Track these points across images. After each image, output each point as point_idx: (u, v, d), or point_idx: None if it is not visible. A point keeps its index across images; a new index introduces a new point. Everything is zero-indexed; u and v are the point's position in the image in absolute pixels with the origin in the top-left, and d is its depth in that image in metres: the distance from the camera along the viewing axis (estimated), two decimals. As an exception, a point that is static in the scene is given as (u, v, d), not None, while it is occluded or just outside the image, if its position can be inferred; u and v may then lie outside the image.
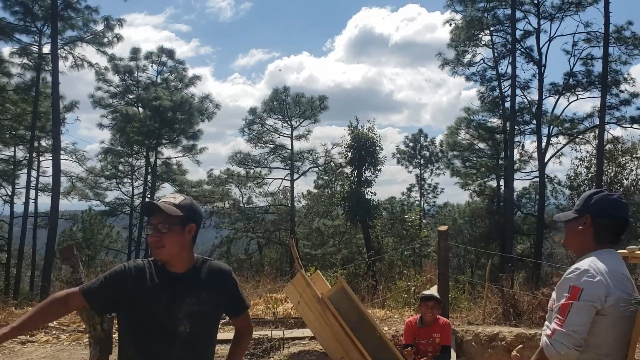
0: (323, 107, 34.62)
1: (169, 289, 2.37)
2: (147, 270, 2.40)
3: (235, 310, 2.65)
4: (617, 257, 2.55)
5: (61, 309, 2.38)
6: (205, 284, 2.45)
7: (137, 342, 2.34)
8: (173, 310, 2.34)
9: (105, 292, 2.35)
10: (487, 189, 33.51)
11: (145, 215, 2.45)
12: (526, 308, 8.31)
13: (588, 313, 2.30)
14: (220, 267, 2.57)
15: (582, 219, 2.56)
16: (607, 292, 2.32)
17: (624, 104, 27.59)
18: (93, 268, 21.06)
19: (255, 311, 7.78)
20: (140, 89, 32.08)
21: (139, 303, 2.32)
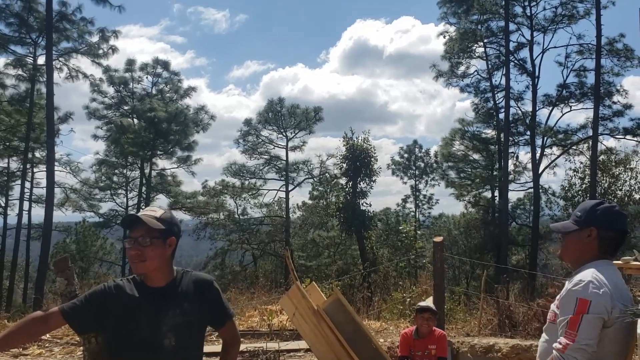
0: (318, 118, 34.73)
1: (151, 303, 2.35)
2: (126, 288, 2.38)
3: (220, 320, 2.62)
4: (615, 268, 2.55)
5: (40, 329, 2.35)
6: (187, 295, 2.43)
7: (122, 357, 2.32)
8: (157, 324, 2.32)
9: (85, 313, 2.33)
10: (482, 199, 33.58)
11: (126, 228, 2.40)
12: (522, 319, 8.30)
13: (597, 325, 2.28)
14: (202, 278, 2.56)
15: (587, 230, 2.53)
16: (612, 303, 2.31)
17: (617, 115, 27.85)
18: (87, 280, 20.96)
19: (250, 323, 7.74)
20: (135, 100, 32.09)
21: (121, 321, 2.29)
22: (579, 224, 2.57)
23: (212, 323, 2.59)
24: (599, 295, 2.30)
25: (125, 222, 2.40)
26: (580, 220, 2.57)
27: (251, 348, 5.26)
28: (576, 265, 2.57)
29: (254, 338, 6.46)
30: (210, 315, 2.53)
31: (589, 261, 2.50)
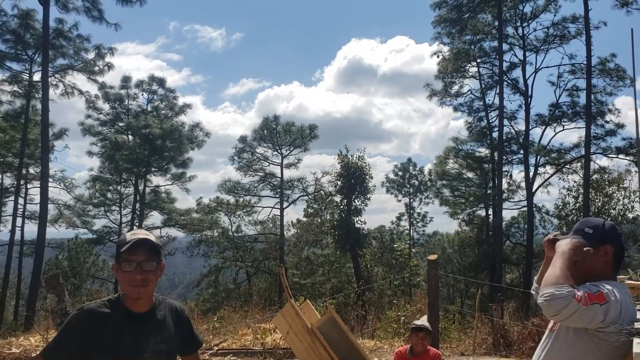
0: (313, 136, 34.83)
1: (133, 329, 2.32)
2: (105, 313, 2.31)
3: (191, 347, 2.62)
4: (627, 288, 2.53)
5: None
6: (166, 322, 2.43)
7: None
8: (139, 350, 2.30)
9: (67, 351, 2.27)
10: (475, 218, 33.65)
11: (130, 250, 2.29)
12: (516, 338, 8.29)
13: (598, 316, 2.25)
14: (176, 305, 2.56)
15: (603, 248, 2.50)
16: (619, 320, 2.31)
17: (610, 135, 28.04)
18: (78, 297, 20.79)
19: (244, 342, 7.68)
20: (131, 117, 32.16)
21: (103, 348, 2.24)
22: (590, 239, 2.53)
23: (183, 350, 2.57)
24: (615, 306, 2.29)
25: (136, 245, 2.30)
26: (593, 237, 2.54)
27: (244, 367, 5.22)
28: (580, 282, 2.48)
29: (247, 357, 6.42)
30: (183, 342, 2.53)
31: (601, 279, 2.45)
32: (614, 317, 2.28)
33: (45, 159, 22.99)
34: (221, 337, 8.16)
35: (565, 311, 2.22)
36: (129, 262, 2.28)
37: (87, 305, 2.33)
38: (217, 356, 6.70)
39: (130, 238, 2.32)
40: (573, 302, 2.22)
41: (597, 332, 2.32)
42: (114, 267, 2.36)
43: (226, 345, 7.35)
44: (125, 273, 2.28)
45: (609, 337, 2.27)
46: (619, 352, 2.34)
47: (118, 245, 2.34)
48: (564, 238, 2.61)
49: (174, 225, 33.04)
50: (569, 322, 2.30)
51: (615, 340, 2.23)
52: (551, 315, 2.27)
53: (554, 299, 2.24)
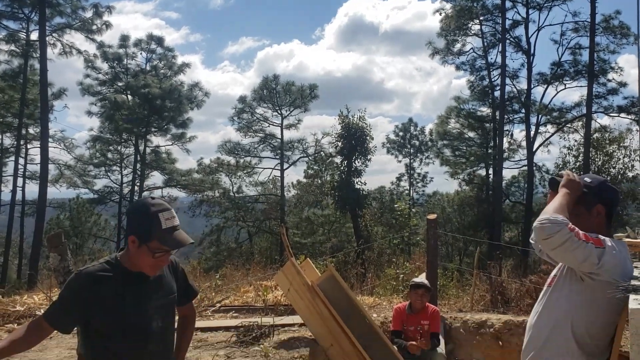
0: (313, 96, 34.55)
1: (134, 288, 2.32)
2: (104, 275, 2.29)
3: (188, 297, 2.66)
4: (625, 245, 2.56)
5: (35, 339, 2.30)
6: (164, 277, 2.45)
7: (109, 348, 2.27)
8: (143, 308, 2.31)
9: (70, 315, 2.26)
10: (476, 177, 33.69)
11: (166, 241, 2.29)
12: (514, 295, 8.39)
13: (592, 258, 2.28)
14: (170, 259, 2.55)
15: (594, 210, 2.55)
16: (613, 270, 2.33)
17: (612, 93, 27.81)
18: (81, 256, 20.99)
19: (245, 299, 7.80)
20: (129, 76, 31.83)
21: (106, 309, 2.24)
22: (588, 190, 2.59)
23: (179, 301, 2.59)
24: (612, 254, 2.33)
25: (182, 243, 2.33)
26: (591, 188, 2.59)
27: (246, 323, 5.31)
28: None
29: (249, 313, 6.52)
30: (180, 293, 2.56)
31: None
32: (611, 266, 2.31)
33: (44, 119, 22.89)
34: (223, 295, 8.27)
35: (557, 237, 2.26)
36: (164, 251, 2.29)
37: (86, 269, 2.30)
38: (219, 312, 6.81)
39: (166, 224, 2.28)
40: (565, 229, 2.26)
41: (591, 278, 2.35)
42: (130, 239, 2.28)
43: (228, 302, 7.46)
44: (152, 257, 2.27)
45: (606, 289, 2.31)
46: (616, 307, 2.38)
47: (148, 221, 2.26)
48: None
49: (175, 186, 33.12)
50: (559, 253, 2.32)
51: (612, 295, 2.26)
52: (542, 239, 2.31)
53: (548, 223, 2.29)
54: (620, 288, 2.22)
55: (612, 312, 2.41)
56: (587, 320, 2.42)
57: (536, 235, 2.36)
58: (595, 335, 2.43)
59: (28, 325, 2.26)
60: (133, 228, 2.30)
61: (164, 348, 2.41)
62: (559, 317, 2.50)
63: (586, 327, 2.42)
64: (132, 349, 2.29)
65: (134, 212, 2.35)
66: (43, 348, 4.96)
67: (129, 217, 2.40)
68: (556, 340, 2.49)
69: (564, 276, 2.54)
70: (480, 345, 7.32)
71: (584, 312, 2.42)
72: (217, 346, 4.80)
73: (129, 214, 2.41)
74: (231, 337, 5.04)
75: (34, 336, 2.26)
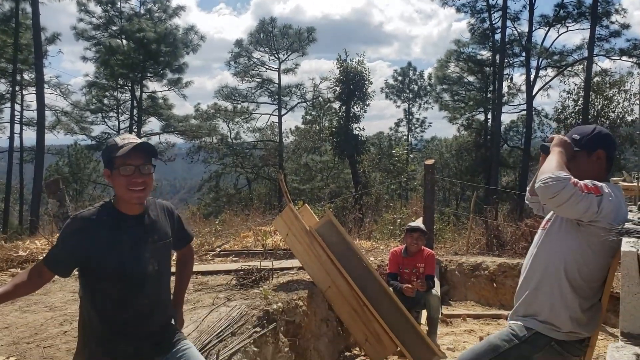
0: (311, 39, 33.93)
1: (131, 231, 2.34)
2: (99, 219, 2.29)
3: (184, 242, 2.71)
4: (621, 190, 2.60)
5: (38, 283, 2.32)
6: (159, 221, 2.47)
7: (106, 290, 2.31)
8: (139, 251, 2.34)
9: (69, 259, 2.27)
10: (474, 122, 33.57)
11: (128, 153, 2.25)
12: (509, 239, 8.52)
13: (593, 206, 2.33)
14: (165, 204, 2.59)
15: (595, 153, 2.58)
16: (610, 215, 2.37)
17: (614, 36, 27.32)
18: (81, 202, 21.11)
19: (245, 243, 7.90)
20: (123, 20, 31.11)
21: (102, 253, 2.25)
22: (579, 146, 2.61)
23: (176, 245, 2.64)
24: (609, 200, 2.37)
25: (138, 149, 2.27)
26: (582, 143, 2.61)
27: (246, 266, 5.41)
28: None
29: (248, 257, 6.62)
30: (176, 237, 2.59)
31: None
32: (608, 212, 2.34)
33: (39, 65, 22.53)
34: (223, 239, 8.38)
35: (563, 194, 2.28)
36: (127, 166, 2.26)
37: (81, 213, 2.31)
38: (219, 257, 6.92)
39: (123, 142, 2.28)
40: (570, 185, 2.29)
41: (589, 225, 2.39)
42: (105, 173, 2.32)
43: (228, 247, 7.57)
44: (123, 177, 2.26)
45: (600, 233, 2.34)
46: (609, 250, 2.42)
47: (109, 150, 2.29)
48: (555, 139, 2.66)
49: (172, 132, 32.96)
50: (565, 209, 2.35)
51: (605, 238, 2.30)
52: (548, 198, 2.32)
53: (552, 181, 2.30)
54: (614, 231, 2.26)
55: (605, 255, 2.45)
56: (580, 263, 2.47)
57: (542, 195, 2.36)
58: (587, 278, 2.49)
59: (30, 270, 2.30)
60: (104, 165, 2.33)
61: (160, 290, 2.44)
62: (553, 259, 2.55)
63: (579, 270, 2.47)
64: (128, 291, 2.32)
65: (102, 153, 2.38)
66: (47, 291, 5.07)
67: (103, 161, 2.39)
68: (549, 281, 2.55)
69: (559, 220, 2.57)
70: (474, 287, 7.50)
71: (578, 255, 2.47)
72: (217, 289, 4.90)
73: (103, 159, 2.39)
74: (231, 280, 5.14)
75: (36, 280, 2.29)
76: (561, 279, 2.50)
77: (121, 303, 2.31)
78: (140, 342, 2.37)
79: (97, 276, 2.28)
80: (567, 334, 2.51)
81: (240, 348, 3.61)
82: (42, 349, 3.45)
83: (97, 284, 2.30)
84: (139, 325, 2.37)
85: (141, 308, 2.35)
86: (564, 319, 2.50)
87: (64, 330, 3.83)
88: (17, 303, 4.57)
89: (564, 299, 2.50)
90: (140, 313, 2.36)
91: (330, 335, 5.26)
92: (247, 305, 4.23)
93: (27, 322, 4.02)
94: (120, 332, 2.33)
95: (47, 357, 3.32)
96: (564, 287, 2.50)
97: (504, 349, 2.59)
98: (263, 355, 3.88)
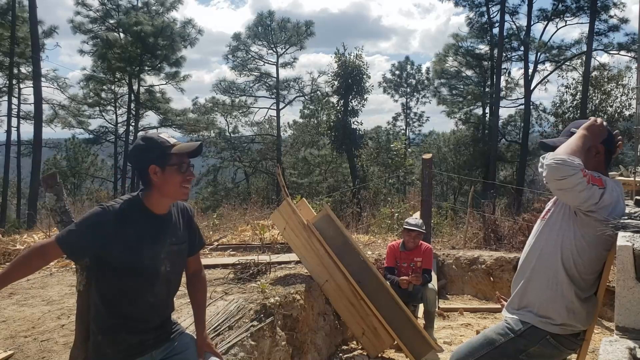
0: (309, 33, 33.86)
1: (152, 230, 2.36)
2: (128, 214, 2.31)
3: (196, 248, 2.67)
4: (620, 185, 2.62)
5: (40, 262, 2.30)
6: (178, 224, 2.49)
7: (116, 283, 2.32)
8: (157, 251, 2.36)
9: (85, 243, 2.25)
10: (472, 117, 33.56)
11: (190, 156, 2.39)
12: (507, 233, 8.53)
13: (596, 196, 2.36)
14: (186, 206, 2.60)
15: (594, 148, 2.58)
16: (607, 209, 2.40)
17: (612, 30, 27.29)
18: (79, 196, 21.09)
19: (243, 237, 7.90)
20: (121, 13, 30.98)
21: (125, 247, 2.27)
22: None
23: (189, 250, 2.61)
24: (610, 194, 2.40)
25: (197, 152, 2.39)
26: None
27: (243, 260, 5.41)
28: None
29: (246, 251, 6.63)
30: (190, 241, 2.59)
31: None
32: (606, 204, 2.37)
33: (36, 58, 22.45)
34: (221, 233, 8.38)
35: (571, 180, 2.31)
36: (185, 163, 2.35)
37: (112, 205, 2.31)
38: (217, 251, 6.92)
39: (171, 140, 2.36)
40: (580, 174, 2.31)
41: (586, 215, 2.40)
42: (152, 170, 2.31)
43: (226, 241, 7.57)
44: (177, 174, 2.32)
45: (595, 225, 2.36)
46: (603, 243, 2.44)
47: (158, 147, 2.33)
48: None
49: (170, 126, 32.88)
50: (566, 194, 2.38)
51: (601, 233, 2.31)
52: (555, 179, 2.34)
53: (565, 165, 2.32)
54: (610, 225, 2.27)
55: (599, 248, 2.47)
56: (575, 254, 2.48)
57: (549, 174, 2.37)
58: (582, 269, 2.50)
59: (34, 249, 2.25)
60: (147, 161, 2.32)
61: (167, 291, 2.48)
62: (550, 249, 2.56)
63: (574, 260, 2.49)
64: (139, 288, 2.35)
65: (139, 150, 2.37)
66: (44, 285, 5.07)
67: (136, 157, 2.40)
68: (545, 271, 2.56)
69: (558, 211, 2.59)
70: (471, 281, 7.53)
71: (573, 246, 2.48)
72: (214, 283, 4.90)
73: (134, 156, 2.40)
74: (228, 274, 5.14)
75: (40, 260, 2.28)
76: (558, 268, 2.52)
77: (131, 298, 2.34)
78: (144, 335, 2.41)
79: (113, 269, 2.29)
80: (562, 326, 2.52)
81: (238, 342, 3.62)
82: (40, 342, 3.46)
83: (110, 277, 2.32)
84: (145, 320, 2.40)
85: (149, 305, 2.39)
86: (559, 308, 2.51)
87: (61, 323, 3.83)
88: (14, 297, 4.58)
89: (560, 288, 2.51)
90: (147, 309, 2.39)
91: (328, 329, 5.27)
92: (244, 299, 4.24)
93: (25, 316, 4.02)
94: (126, 325, 2.35)
95: (44, 350, 3.33)
96: (560, 276, 2.51)
97: (500, 343, 2.61)
98: (260, 349, 3.89)
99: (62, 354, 3.23)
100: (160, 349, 2.48)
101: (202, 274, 2.76)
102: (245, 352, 3.65)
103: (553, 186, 2.41)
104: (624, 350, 1.81)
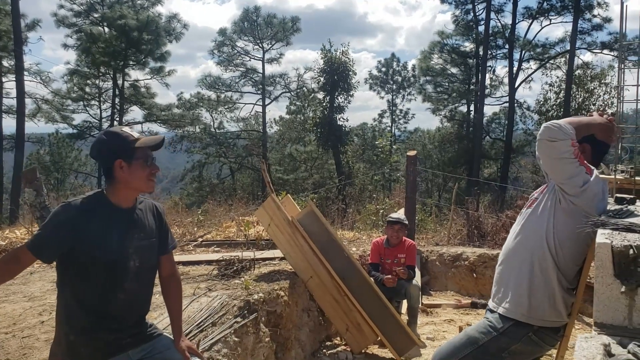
0: (295, 29, 33.79)
1: (119, 225, 2.35)
2: (92, 209, 2.30)
3: (167, 248, 2.63)
4: (606, 183, 2.65)
5: (14, 269, 2.31)
6: (147, 219, 2.48)
7: (86, 280, 2.30)
8: (124, 245, 2.35)
9: (55, 245, 2.25)
10: (457, 114, 33.76)
11: (153, 150, 2.41)
12: (490, 230, 8.61)
13: (581, 181, 2.41)
14: (155, 204, 2.59)
15: (581, 146, 2.58)
16: (592, 204, 2.45)
17: (596, 29, 27.61)
18: (62, 192, 20.88)
19: (227, 233, 7.89)
20: (105, 7, 30.66)
21: (91, 242, 2.26)
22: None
23: (160, 248, 2.59)
24: (595, 186, 2.45)
25: (159, 145, 2.42)
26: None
27: (227, 257, 5.40)
28: None
29: (230, 247, 6.62)
30: (161, 240, 2.57)
31: None
32: (590, 195, 2.43)
33: (18, 51, 22.18)
34: (205, 229, 8.36)
35: (559, 145, 2.38)
36: (149, 157, 2.37)
37: (74, 201, 2.31)
38: (201, 247, 6.91)
39: (134, 135, 2.36)
40: (569, 142, 2.38)
41: (569, 201, 2.43)
42: (117, 164, 2.30)
43: (210, 237, 7.56)
44: (143, 168, 2.35)
45: (576, 216, 2.39)
46: (584, 238, 2.46)
47: (123, 141, 2.33)
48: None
49: (155, 121, 32.64)
50: (553, 162, 2.44)
51: (581, 230, 2.33)
52: (545, 139, 2.40)
53: (557, 128, 2.39)
54: (590, 222, 2.30)
55: (580, 241, 2.49)
56: (557, 244, 2.50)
57: (542, 133, 2.43)
58: (562, 260, 2.51)
59: (5, 257, 2.29)
60: (112, 156, 2.33)
61: (138, 287, 2.44)
62: (534, 236, 2.59)
63: (557, 249, 2.51)
64: (109, 284, 2.33)
65: (103, 145, 2.37)
66: (26, 281, 5.03)
67: (100, 153, 2.39)
68: (530, 258, 2.57)
69: (545, 200, 2.60)
70: (454, 277, 7.58)
71: (555, 235, 2.50)
72: (198, 279, 4.89)
73: (98, 150, 2.39)
74: (212, 271, 5.13)
75: (13, 267, 2.29)
76: (544, 255, 2.53)
77: (101, 294, 2.32)
78: (119, 334, 2.39)
79: (80, 265, 2.28)
80: (542, 319, 2.55)
81: (221, 338, 3.62)
82: (21, 339, 3.43)
83: (80, 274, 2.30)
84: (118, 318, 2.38)
85: (121, 302, 2.37)
86: (542, 297, 2.53)
87: (42, 320, 3.80)
88: (-5, 293, 4.53)
89: (544, 275, 2.53)
90: (120, 307, 2.37)
91: (312, 325, 5.29)
92: (228, 296, 4.24)
93: (6, 312, 3.99)
94: (100, 323, 2.34)
95: (25, 347, 3.30)
96: (546, 263, 2.53)
97: (483, 342, 2.62)
98: (244, 346, 3.90)
99: (43, 351, 3.21)
100: (138, 349, 2.46)
101: (177, 276, 2.73)
102: (229, 348, 3.65)
103: (542, 149, 2.46)
104: (599, 347, 1.84)
